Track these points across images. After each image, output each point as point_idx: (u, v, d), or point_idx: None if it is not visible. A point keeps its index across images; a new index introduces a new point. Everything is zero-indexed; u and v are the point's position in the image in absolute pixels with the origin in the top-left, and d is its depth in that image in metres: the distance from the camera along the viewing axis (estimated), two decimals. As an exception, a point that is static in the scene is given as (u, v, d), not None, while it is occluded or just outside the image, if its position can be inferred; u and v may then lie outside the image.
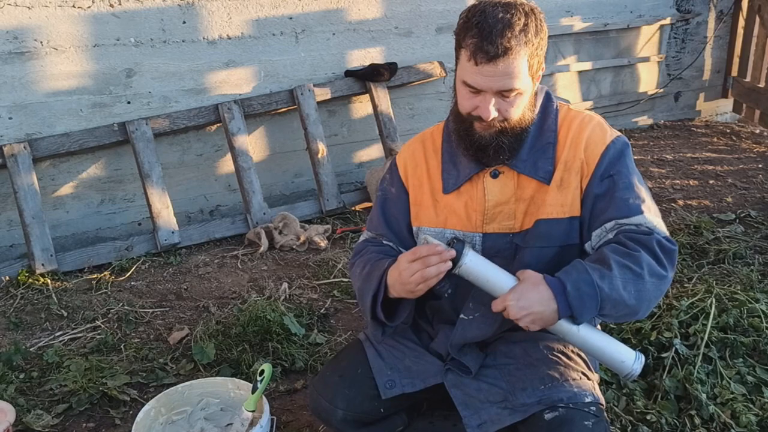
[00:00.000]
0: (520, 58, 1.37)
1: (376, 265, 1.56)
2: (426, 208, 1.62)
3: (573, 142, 1.52)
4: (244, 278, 2.92)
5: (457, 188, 1.57)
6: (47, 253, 2.93)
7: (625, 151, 1.53)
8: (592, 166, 1.50)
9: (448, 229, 1.59)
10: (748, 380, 1.99)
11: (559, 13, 4.19)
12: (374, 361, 1.66)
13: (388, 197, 1.70)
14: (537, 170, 1.52)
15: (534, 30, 1.38)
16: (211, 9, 3.21)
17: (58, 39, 2.95)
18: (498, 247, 1.55)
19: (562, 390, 1.49)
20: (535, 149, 1.52)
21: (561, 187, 1.51)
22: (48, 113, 3.01)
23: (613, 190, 1.48)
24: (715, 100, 5.02)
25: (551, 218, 1.50)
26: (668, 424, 1.87)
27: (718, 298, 2.24)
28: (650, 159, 4.14)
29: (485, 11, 1.38)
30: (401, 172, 1.68)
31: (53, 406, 2.11)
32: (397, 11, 3.66)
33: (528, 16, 1.38)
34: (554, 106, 1.57)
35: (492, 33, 1.35)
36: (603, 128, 1.54)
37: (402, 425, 1.73)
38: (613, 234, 1.47)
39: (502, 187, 1.54)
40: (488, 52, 1.36)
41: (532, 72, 1.42)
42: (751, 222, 3.24)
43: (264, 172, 3.47)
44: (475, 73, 1.39)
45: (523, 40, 1.36)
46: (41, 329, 2.57)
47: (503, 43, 1.35)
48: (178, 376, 2.25)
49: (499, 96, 1.42)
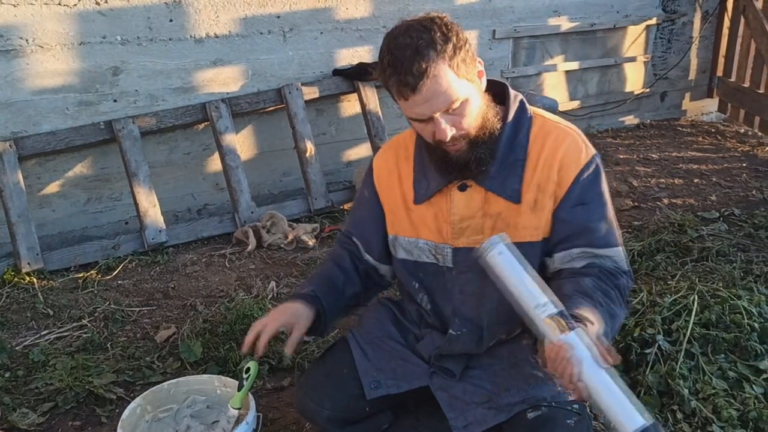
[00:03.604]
0: (441, 72, 1.32)
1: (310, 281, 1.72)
2: (400, 218, 1.62)
3: (546, 162, 1.48)
4: (232, 277, 2.92)
5: (428, 199, 1.56)
6: (33, 251, 2.92)
7: (598, 174, 1.49)
8: (564, 188, 1.47)
9: (421, 239, 1.58)
10: (730, 376, 2.01)
11: (547, 13, 4.22)
12: (360, 361, 1.66)
13: (361, 200, 1.72)
14: (504, 188, 1.49)
15: (441, 39, 1.33)
16: (198, 7, 3.21)
17: (43, 37, 2.94)
18: (468, 262, 1.52)
19: (546, 389, 1.51)
20: (505, 165, 1.49)
21: (535, 209, 1.49)
22: (34, 111, 3.00)
23: (586, 219, 1.47)
24: (701, 99, 5.06)
25: (525, 242, 1.48)
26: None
27: (700, 294, 2.27)
28: (636, 158, 4.18)
29: (390, 47, 1.35)
30: (375, 178, 1.67)
31: (39, 404, 2.11)
32: (385, 10, 3.67)
33: (429, 30, 1.33)
34: (528, 116, 1.53)
35: (404, 65, 1.32)
36: (578, 146, 1.49)
37: (387, 423, 1.74)
38: (580, 263, 1.47)
39: (468, 201, 1.52)
40: (409, 84, 1.33)
41: (464, 75, 1.37)
42: (735, 220, 3.28)
43: (252, 170, 3.47)
44: (411, 107, 1.37)
45: (434, 54, 1.32)
46: (27, 328, 2.56)
47: (418, 70, 1.31)
48: (165, 374, 2.24)
49: (447, 114, 1.38)
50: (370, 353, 1.68)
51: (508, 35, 4.11)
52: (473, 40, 4.02)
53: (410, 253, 1.62)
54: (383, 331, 1.73)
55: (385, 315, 1.77)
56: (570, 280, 1.45)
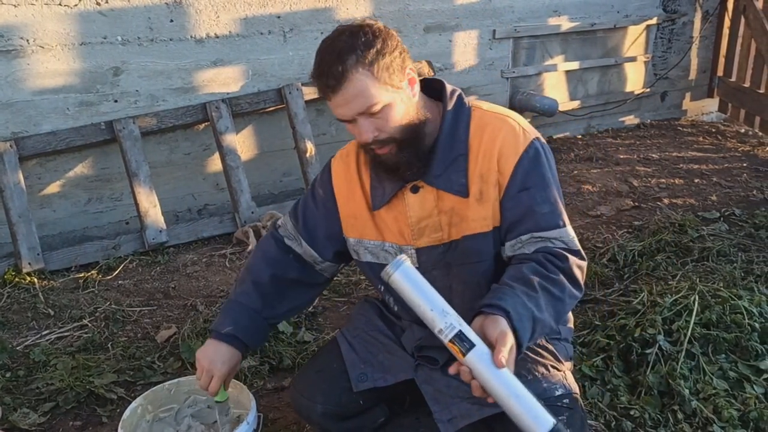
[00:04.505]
0: (358, 76, 1.37)
1: (235, 295, 1.74)
2: (365, 221, 1.63)
3: (486, 154, 1.50)
4: (232, 277, 2.92)
5: (385, 204, 1.58)
6: (34, 251, 2.92)
7: (538, 158, 1.50)
8: (506, 178, 1.49)
9: (387, 242, 1.61)
10: (731, 376, 2.01)
11: (547, 13, 4.22)
12: (348, 355, 1.69)
13: (315, 197, 1.71)
14: (452, 184, 1.51)
15: (363, 45, 1.38)
16: (198, 7, 3.21)
17: (44, 37, 2.94)
18: (432, 260, 1.57)
19: (531, 388, 1.48)
20: (448, 161, 1.52)
21: (481, 201, 1.51)
22: (34, 112, 3.00)
23: (530, 204, 1.48)
24: (701, 99, 5.06)
25: (477, 233, 1.51)
26: (651, 419, 1.90)
27: (701, 295, 2.26)
28: (636, 158, 4.18)
29: (319, 49, 1.42)
30: (335, 182, 1.68)
31: (40, 404, 2.10)
32: (385, 10, 3.67)
33: (354, 34, 1.39)
34: (467, 110, 1.54)
35: (324, 67, 1.39)
36: (515, 134, 1.50)
37: (383, 417, 1.75)
38: (530, 249, 1.47)
39: (422, 202, 1.55)
40: (329, 86, 1.39)
41: (386, 81, 1.40)
42: (735, 220, 3.28)
43: (252, 171, 3.47)
44: (334, 108, 1.43)
45: (354, 59, 1.36)
46: (28, 328, 2.57)
47: (335, 72, 1.37)
48: (166, 374, 2.25)
49: (368, 117, 1.41)
50: (357, 346, 1.71)
51: (508, 35, 4.11)
52: (473, 39, 4.02)
53: (376, 256, 1.64)
54: (371, 325, 1.75)
55: (372, 310, 1.80)
56: (513, 267, 1.46)
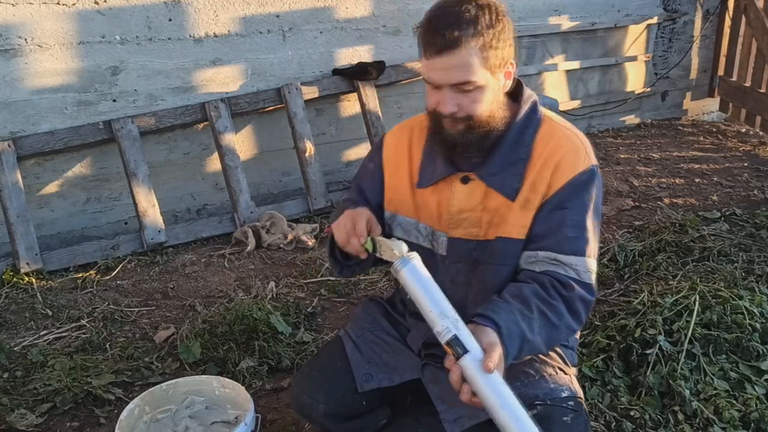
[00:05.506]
0: (469, 49, 1.34)
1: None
2: (404, 197, 1.62)
3: (545, 163, 1.48)
4: (231, 277, 2.91)
5: (431, 184, 1.57)
6: (32, 251, 2.91)
7: (589, 184, 1.48)
8: (553, 190, 1.47)
9: (422, 223, 1.60)
10: (731, 376, 2.00)
11: (547, 12, 4.21)
12: (353, 354, 1.67)
13: (367, 170, 1.71)
14: (504, 186, 1.49)
15: (486, 22, 1.35)
16: (197, 6, 3.20)
17: (42, 36, 2.93)
18: (461, 252, 1.55)
19: (539, 387, 1.50)
20: (507, 162, 1.50)
21: (525, 208, 1.49)
22: (33, 111, 2.99)
23: (560, 223, 1.46)
24: (702, 99, 5.05)
25: (510, 237, 1.50)
26: (652, 419, 1.89)
27: (702, 295, 2.26)
28: (637, 158, 4.17)
29: (439, 6, 1.38)
30: (384, 154, 1.67)
31: (37, 405, 2.10)
32: (385, 9, 3.66)
33: (481, 9, 1.36)
34: (538, 117, 1.53)
35: (439, 26, 1.35)
36: (577, 154, 1.49)
37: (386, 418, 1.74)
38: (540, 268, 1.46)
39: (469, 195, 1.53)
40: (435, 44, 1.35)
41: (490, 66, 1.38)
42: (736, 220, 3.27)
43: (251, 170, 3.47)
44: (429, 68, 1.39)
45: (472, 31, 1.33)
46: (26, 328, 2.56)
47: (449, 35, 1.33)
48: (164, 374, 2.24)
49: (458, 90, 1.39)
50: (362, 346, 1.69)
51: (508, 34, 4.10)
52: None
53: (408, 233, 1.62)
54: (375, 325, 1.74)
55: (376, 310, 1.78)
56: (514, 285, 1.46)
